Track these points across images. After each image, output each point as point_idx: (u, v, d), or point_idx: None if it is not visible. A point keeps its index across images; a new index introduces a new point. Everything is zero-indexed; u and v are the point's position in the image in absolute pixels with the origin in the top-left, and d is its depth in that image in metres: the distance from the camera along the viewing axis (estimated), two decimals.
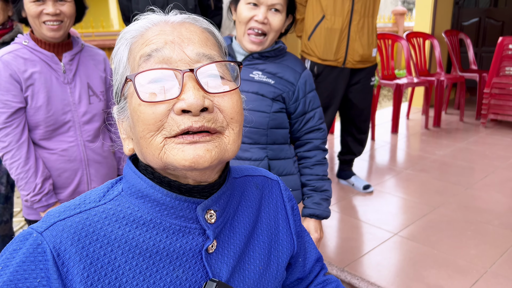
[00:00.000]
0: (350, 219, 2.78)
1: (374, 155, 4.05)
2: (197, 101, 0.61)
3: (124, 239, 0.65)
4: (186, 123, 0.61)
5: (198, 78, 0.63)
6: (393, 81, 4.61)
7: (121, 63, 0.70)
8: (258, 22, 1.47)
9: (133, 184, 0.69)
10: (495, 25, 6.05)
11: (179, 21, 0.70)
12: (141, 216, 0.67)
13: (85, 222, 0.64)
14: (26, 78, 1.59)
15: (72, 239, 0.62)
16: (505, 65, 4.66)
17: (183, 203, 0.67)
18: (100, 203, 0.68)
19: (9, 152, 1.60)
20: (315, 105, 1.60)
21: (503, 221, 2.69)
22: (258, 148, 1.53)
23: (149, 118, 0.62)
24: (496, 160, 3.79)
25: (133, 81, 0.64)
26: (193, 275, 0.68)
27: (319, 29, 2.84)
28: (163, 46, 0.65)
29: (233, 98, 0.67)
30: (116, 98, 0.72)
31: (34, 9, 1.56)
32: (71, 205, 0.67)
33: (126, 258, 0.64)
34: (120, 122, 0.73)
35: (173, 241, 0.67)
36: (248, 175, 0.84)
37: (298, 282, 0.93)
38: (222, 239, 0.72)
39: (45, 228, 0.63)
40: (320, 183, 1.60)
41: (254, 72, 1.54)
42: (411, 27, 9.36)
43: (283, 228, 0.84)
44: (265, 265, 0.78)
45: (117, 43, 0.72)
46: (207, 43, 0.69)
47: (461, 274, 2.14)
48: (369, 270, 2.20)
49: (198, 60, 0.66)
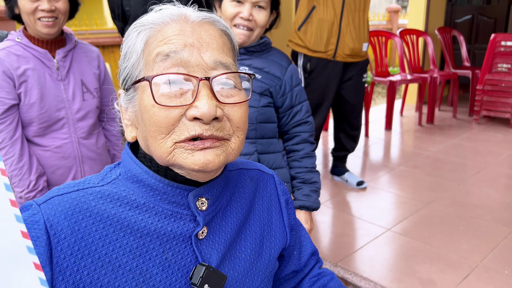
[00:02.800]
0: (343, 215, 2.80)
1: (368, 151, 4.07)
2: (210, 111, 0.63)
3: (117, 218, 0.67)
4: (197, 130, 0.64)
5: (213, 87, 0.65)
6: (386, 78, 4.64)
7: (133, 52, 0.70)
8: (243, 19, 1.49)
9: (129, 169, 0.71)
10: (487, 22, 6.09)
11: (199, 20, 0.70)
12: (135, 199, 0.70)
13: (81, 199, 0.68)
14: (19, 74, 1.59)
15: (66, 213, 0.65)
16: (498, 61, 4.70)
17: (175, 190, 0.70)
18: (98, 185, 0.71)
19: (2, 149, 1.60)
20: (302, 98, 1.62)
21: (494, 216, 2.72)
22: (247, 142, 1.55)
23: (162, 121, 0.64)
24: (489, 156, 3.82)
25: (150, 82, 0.65)
26: (182, 258, 0.70)
27: (310, 19, 2.84)
28: (182, 49, 0.66)
29: (242, 108, 0.69)
30: (124, 86, 0.73)
31: (29, 5, 1.57)
32: (71, 183, 0.71)
33: (117, 236, 0.66)
34: (124, 108, 0.73)
35: (164, 224, 0.69)
36: (243, 168, 0.87)
37: (293, 274, 0.95)
38: (214, 226, 0.74)
39: (43, 201, 0.67)
40: (309, 175, 1.62)
41: (241, 68, 1.55)
42: (405, 24, 9.39)
43: (276, 221, 0.86)
44: (257, 254, 0.80)
45: (132, 29, 0.71)
46: (224, 49, 0.70)
47: (453, 268, 2.17)
48: (362, 265, 2.22)
49: (215, 67, 0.67)
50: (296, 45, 2.95)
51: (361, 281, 2.10)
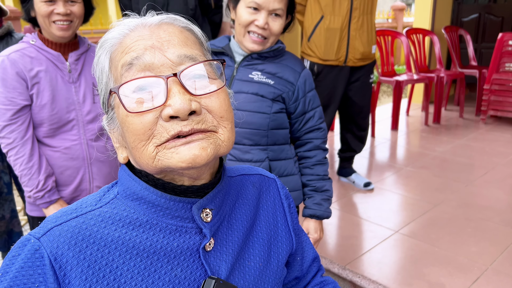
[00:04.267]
0: (350, 217, 2.79)
1: (374, 152, 4.06)
2: (183, 106, 0.60)
3: (121, 241, 0.66)
4: (176, 128, 0.61)
5: (183, 82, 0.63)
6: (393, 77, 4.62)
7: (103, 73, 0.69)
8: (259, 27, 1.46)
9: (128, 187, 0.69)
10: (494, 21, 6.05)
11: (156, 22, 0.68)
12: (137, 218, 0.68)
13: (81, 226, 0.65)
14: (32, 76, 1.61)
15: (69, 243, 0.63)
16: (505, 61, 4.66)
17: (177, 204, 0.68)
18: (96, 207, 0.69)
19: (13, 148, 1.62)
20: (315, 104, 1.59)
21: (503, 218, 2.70)
22: (258, 149, 1.53)
23: (138, 128, 0.62)
24: (496, 157, 3.80)
25: (117, 93, 0.63)
26: (191, 273, 0.68)
27: (318, 29, 2.84)
28: (143, 53, 0.64)
29: (220, 97, 0.66)
30: (104, 109, 0.72)
31: (45, 9, 1.59)
32: (67, 210, 0.69)
33: (123, 259, 0.65)
34: (111, 132, 0.72)
35: (170, 240, 0.68)
36: (244, 174, 0.85)
37: (296, 282, 0.94)
38: (220, 237, 0.73)
39: (42, 233, 0.64)
40: (320, 183, 1.59)
41: (253, 73, 1.52)
42: (411, 22, 9.35)
43: (281, 225, 0.85)
44: (265, 261, 0.79)
45: (97, 52, 0.71)
46: (187, 43, 0.68)
47: (462, 271, 2.16)
48: (371, 268, 2.22)
49: (181, 62, 0.65)
50: (308, 56, 2.96)
51: (369, 284, 2.09)
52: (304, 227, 1.61)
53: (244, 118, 1.48)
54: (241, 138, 1.52)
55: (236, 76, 1.53)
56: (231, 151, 1.53)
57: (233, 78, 1.53)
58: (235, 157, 1.53)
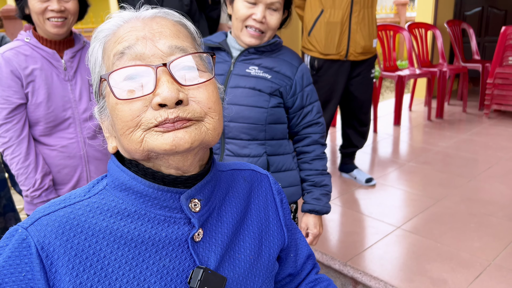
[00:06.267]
0: (352, 213, 2.78)
1: (376, 147, 4.03)
2: (171, 94, 0.62)
3: (109, 230, 0.66)
4: (163, 115, 0.62)
5: (172, 72, 0.64)
6: (395, 72, 4.58)
7: (96, 63, 0.71)
8: (256, 21, 1.45)
9: (116, 178, 0.70)
10: (498, 14, 6.00)
11: (150, 16, 0.70)
12: (125, 208, 0.68)
13: (69, 215, 0.66)
14: (27, 74, 1.60)
15: (56, 233, 0.64)
16: (509, 55, 4.62)
17: (166, 194, 0.69)
18: (84, 198, 0.69)
19: (9, 147, 1.61)
20: (313, 99, 1.58)
21: (507, 213, 2.68)
22: (256, 144, 1.52)
23: (127, 115, 0.64)
24: (500, 151, 3.77)
25: (107, 80, 0.65)
26: (180, 264, 0.68)
27: (318, 23, 2.82)
28: (135, 43, 0.66)
29: (208, 89, 0.67)
30: (96, 98, 0.73)
31: (39, 5, 1.58)
32: (56, 200, 0.69)
33: (111, 248, 0.65)
34: (102, 121, 0.73)
35: (158, 230, 0.68)
36: (235, 169, 0.86)
37: (290, 279, 0.94)
38: (209, 228, 0.73)
39: (30, 223, 0.65)
40: (319, 178, 1.58)
41: (250, 67, 1.51)
42: (413, 17, 9.30)
43: (273, 220, 0.85)
44: (256, 255, 0.79)
45: (92, 43, 0.73)
46: (179, 35, 0.69)
47: (465, 267, 2.14)
48: (372, 264, 2.20)
49: (171, 53, 0.66)
50: (308, 50, 2.93)
51: (371, 280, 2.08)
52: (303, 223, 1.60)
53: (241, 112, 1.47)
54: (239, 133, 1.51)
55: (233, 71, 1.52)
56: (229, 146, 1.53)
57: (230, 73, 1.52)
58: (233, 152, 1.52)
